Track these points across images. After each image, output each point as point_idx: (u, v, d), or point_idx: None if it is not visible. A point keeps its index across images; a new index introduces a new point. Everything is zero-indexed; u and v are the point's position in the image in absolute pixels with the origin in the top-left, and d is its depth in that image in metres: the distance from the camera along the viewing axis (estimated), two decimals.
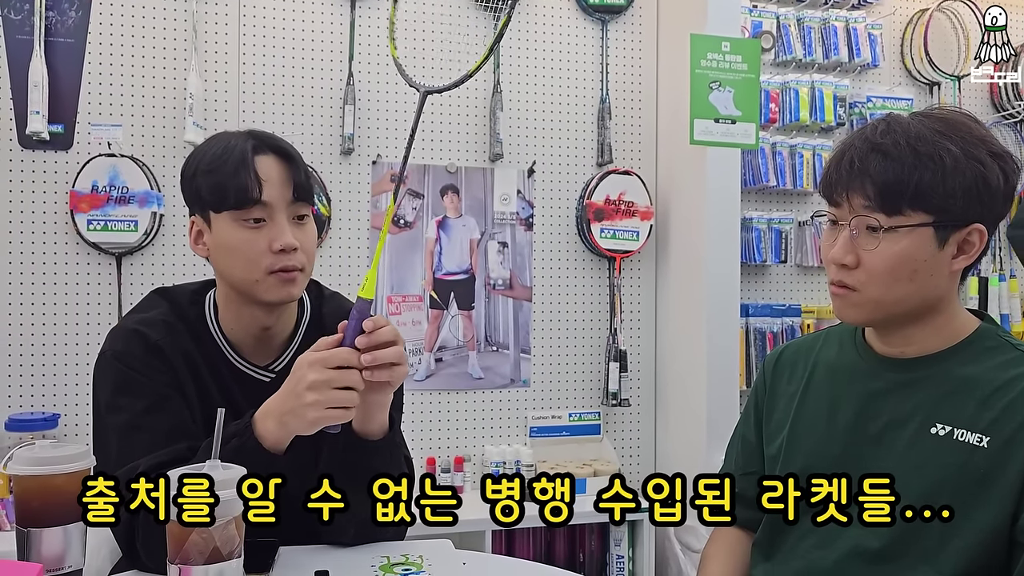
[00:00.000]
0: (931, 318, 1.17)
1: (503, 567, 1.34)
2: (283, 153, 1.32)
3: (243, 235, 1.28)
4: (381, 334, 1.15)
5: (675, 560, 2.86)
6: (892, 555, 1.13)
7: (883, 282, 1.13)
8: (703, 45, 2.69)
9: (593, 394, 3.10)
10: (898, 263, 1.12)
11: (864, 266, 1.14)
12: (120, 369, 1.26)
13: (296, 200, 1.31)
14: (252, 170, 1.27)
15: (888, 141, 1.12)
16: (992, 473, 1.08)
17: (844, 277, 1.16)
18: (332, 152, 2.84)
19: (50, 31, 2.59)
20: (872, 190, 1.12)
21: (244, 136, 1.32)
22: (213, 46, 2.74)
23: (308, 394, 1.11)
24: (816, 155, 3.10)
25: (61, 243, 2.61)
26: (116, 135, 2.62)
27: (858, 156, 1.14)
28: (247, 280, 1.29)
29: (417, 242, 2.91)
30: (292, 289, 1.31)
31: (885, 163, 1.11)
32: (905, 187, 1.10)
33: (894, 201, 1.11)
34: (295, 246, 1.29)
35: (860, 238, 1.14)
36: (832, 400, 1.25)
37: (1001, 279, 3.32)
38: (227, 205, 1.28)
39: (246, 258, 1.28)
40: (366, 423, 1.25)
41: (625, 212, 3.03)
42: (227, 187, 1.27)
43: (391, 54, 1.41)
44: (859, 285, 1.15)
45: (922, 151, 1.10)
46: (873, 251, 1.13)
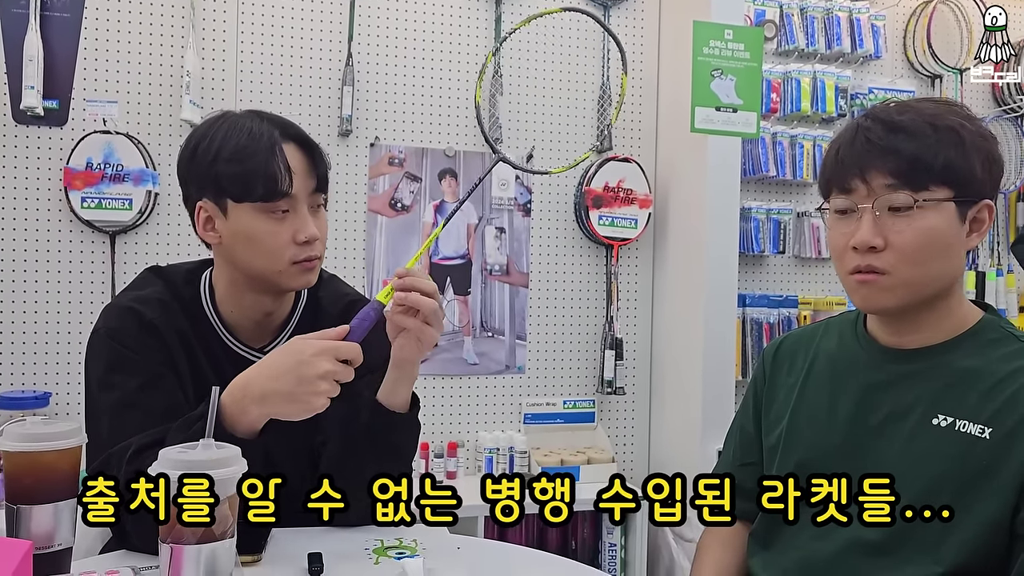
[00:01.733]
0: (942, 303, 1.16)
1: (497, 552, 1.33)
2: (306, 143, 1.30)
3: (267, 226, 1.26)
4: (421, 282, 1.16)
5: (667, 549, 2.86)
6: (891, 547, 1.13)
7: (916, 261, 1.11)
8: (706, 32, 2.67)
9: (588, 382, 3.10)
10: (929, 240, 1.11)
11: (893, 247, 1.11)
12: (113, 346, 1.25)
13: (316, 190, 1.31)
14: (283, 161, 1.25)
15: (904, 119, 1.12)
16: (994, 465, 1.08)
17: (873, 261, 1.12)
18: (330, 134, 2.82)
19: (46, 5, 2.56)
20: (897, 167, 1.10)
21: (262, 121, 1.28)
22: (211, 24, 2.71)
23: (320, 382, 1.09)
24: (816, 146, 3.09)
25: (55, 220, 2.58)
26: (112, 112, 2.60)
27: (875, 136, 1.13)
28: (270, 270, 1.28)
29: (414, 226, 2.90)
30: (311, 276, 1.32)
31: (908, 139, 1.10)
32: (932, 162, 1.10)
33: (921, 177, 1.10)
34: (318, 237, 1.29)
35: (884, 219, 1.12)
36: (833, 391, 1.24)
37: (999, 274, 3.32)
38: (255, 196, 1.24)
39: (270, 249, 1.26)
40: (392, 396, 1.25)
41: (624, 200, 3.01)
42: (255, 178, 1.23)
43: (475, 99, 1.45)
44: (890, 267, 1.12)
45: (940, 126, 1.11)
46: (900, 230, 1.11)
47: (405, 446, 1.29)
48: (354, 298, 1.46)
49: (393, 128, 2.89)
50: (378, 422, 1.25)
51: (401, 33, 2.90)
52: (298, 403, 1.11)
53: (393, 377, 1.25)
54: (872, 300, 1.15)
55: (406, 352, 1.22)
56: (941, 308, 1.17)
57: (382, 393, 1.25)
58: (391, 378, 1.25)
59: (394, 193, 2.88)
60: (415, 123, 2.91)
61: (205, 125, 1.31)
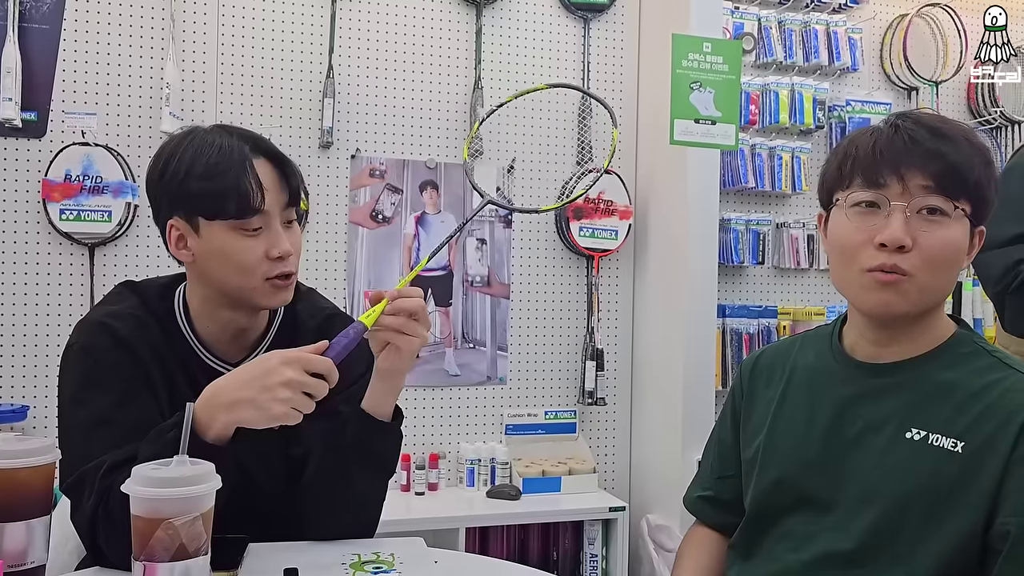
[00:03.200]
0: (927, 318, 1.17)
1: (475, 566, 1.33)
2: (277, 157, 1.29)
3: (239, 243, 1.24)
4: (409, 301, 1.18)
5: (648, 559, 2.86)
6: (865, 559, 1.13)
7: (935, 268, 1.10)
8: (684, 45, 2.69)
9: (569, 392, 3.10)
10: (950, 250, 1.11)
11: (920, 249, 1.09)
12: (87, 362, 1.24)
13: (289, 205, 1.29)
14: (254, 179, 1.23)
15: (947, 127, 1.12)
16: (966, 478, 1.08)
17: (899, 261, 1.09)
18: (311, 146, 2.82)
19: (24, 16, 2.55)
20: (938, 171, 1.09)
21: (231, 136, 1.26)
22: (191, 35, 2.71)
23: (281, 390, 1.09)
24: (795, 157, 3.12)
25: (33, 232, 2.57)
26: (91, 124, 2.59)
27: (920, 137, 1.11)
28: (243, 288, 1.27)
29: (395, 238, 2.90)
30: (286, 294, 1.30)
31: (952, 147, 1.10)
32: (967, 175, 1.10)
33: (957, 186, 1.10)
34: (292, 253, 1.27)
35: (914, 220, 1.10)
36: (810, 405, 1.25)
37: (975, 283, 3.35)
38: (227, 214, 1.23)
39: (243, 266, 1.25)
40: (377, 406, 1.25)
41: (604, 211, 3.03)
42: (227, 196, 1.22)
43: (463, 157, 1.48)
44: (913, 270, 1.10)
45: (975, 143, 1.12)
46: (932, 233, 1.10)
47: (389, 456, 1.30)
48: (332, 312, 1.45)
49: (374, 140, 2.89)
50: (364, 431, 1.25)
51: (382, 45, 2.91)
52: (260, 409, 1.10)
53: (380, 388, 1.25)
54: (890, 304, 1.12)
55: (394, 363, 1.22)
56: (927, 321, 1.17)
57: (367, 403, 1.26)
58: (377, 389, 1.25)
59: (375, 205, 2.88)
60: (396, 135, 2.91)
61: (174, 142, 1.28)
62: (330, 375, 1.12)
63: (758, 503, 1.27)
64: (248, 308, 1.31)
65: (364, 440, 1.25)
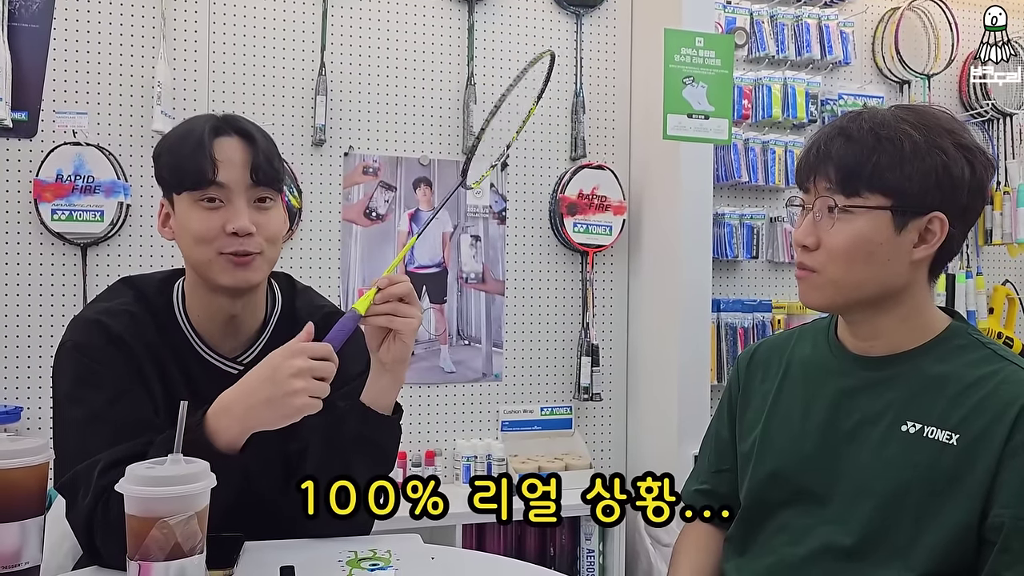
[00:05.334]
0: (895, 309, 1.18)
1: (472, 562, 1.33)
2: (246, 135, 1.30)
3: (200, 215, 1.27)
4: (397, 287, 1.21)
5: (645, 554, 2.87)
6: (863, 552, 1.14)
7: (840, 262, 1.15)
8: (677, 40, 2.68)
9: (565, 388, 3.10)
10: (854, 244, 1.14)
11: (824, 247, 1.16)
12: (81, 360, 1.24)
13: (256, 184, 1.28)
14: (208, 151, 1.26)
15: (853, 126, 1.15)
16: (961, 470, 1.09)
17: (805, 259, 1.18)
18: (304, 143, 2.81)
19: (14, 15, 2.53)
20: (833, 172, 1.15)
21: (209, 118, 1.31)
22: (182, 33, 2.70)
23: (294, 381, 1.10)
24: (788, 151, 3.12)
25: (24, 233, 2.55)
26: (82, 123, 2.57)
27: (824, 141, 1.17)
28: (201, 261, 1.28)
29: (389, 235, 2.89)
30: (248, 274, 1.28)
31: (847, 146, 1.14)
32: (863, 168, 1.12)
33: (852, 182, 1.13)
34: (250, 230, 1.26)
35: (822, 220, 1.16)
36: (806, 398, 1.26)
37: (968, 276, 3.36)
38: (185, 186, 1.27)
39: (200, 238, 1.26)
40: (378, 398, 1.27)
41: (598, 207, 3.03)
42: (184, 168, 1.26)
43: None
44: (819, 266, 1.17)
45: (883, 135, 1.12)
46: (831, 231, 1.15)
47: (389, 449, 1.31)
48: (330, 310, 1.45)
49: (367, 137, 2.88)
50: (366, 425, 1.26)
51: (374, 42, 2.90)
52: (279, 406, 1.11)
53: (383, 382, 1.27)
54: (805, 296, 1.21)
55: (396, 352, 1.24)
56: (897, 313, 1.18)
57: (367, 397, 1.27)
58: (378, 383, 1.27)
59: (369, 202, 2.87)
60: (389, 132, 2.91)
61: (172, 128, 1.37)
62: (330, 359, 1.14)
63: (754, 496, 1.28)
64: (218, 289, 1.30)
65: (366, 434, 1.26)
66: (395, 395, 1.29)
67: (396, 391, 1.28)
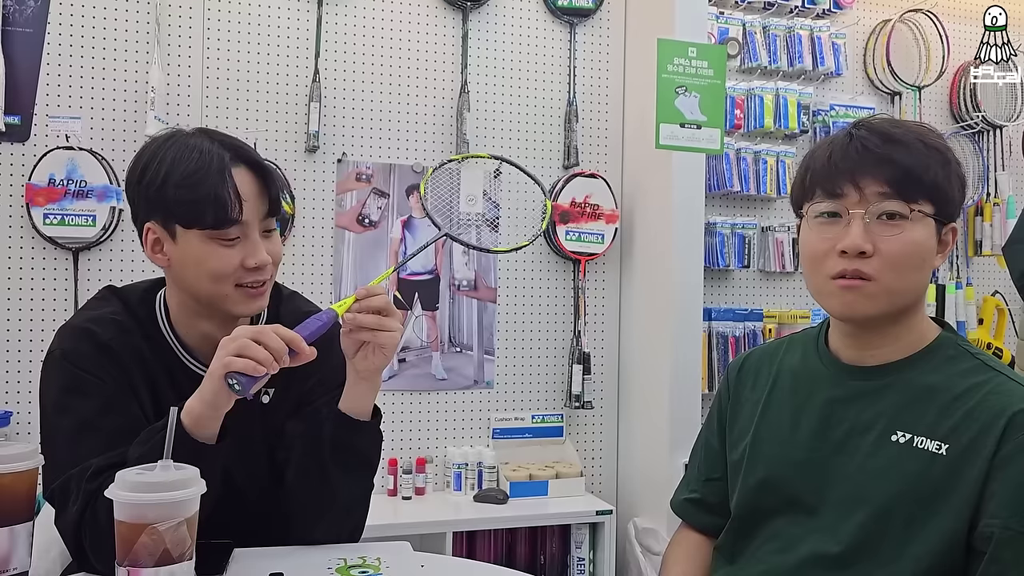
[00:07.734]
0: (907, 318, 1.18)
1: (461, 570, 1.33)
2: (258, 167, 1.27)
3: (215, 252, 1.23)
4: (375, 299, 1.20)
5: (636, 563, 2.87)
6: (851, 560, 1.14)
7: (899, 270, 1.13)
8: (670, 50, 2.70)
9: (556, 396, 3.10)
10: (913, 251, 1.13)
11: (881, 254, 1.12)
12: (69, 369, 1.23)
13: (268, 215, 1.28)
14: (233, 189, 1.21)
15: (900, 132, 1.15)
16: (950, 480, 1.09)
17: (861, 266, 1.13)
18: (297, 150, 2.81)
19: (8, 20, 2.53)
20: (892, 176, 1.13)
21: (212, 143, 1.24)
22: (176, 39, 2.70)
23: (227, 344, 1.11)
24: (780, 161, 3.13)
25: (16, 237, 2.55)
26: (75, 128, 2.57)
27: (872, 144, 1.14)
28: (215, 295, 1.25)
29: (381, 242, 2.89)
30: (261, 302, 1.30)
31: (905, 151, 1.13)
32: (923, 176, 1.12)
33: (913, 189, 1.13)
34: (268, 263, 1.26)
35: (874, 226, 1.13)
36: (795, 407, 1.26)
37: (958, 286, 3.37)
38: (204, 224, 1.21)
39: (217, 274, 1.23)
40: (354, 405, 1.26)
41: (590, 215, 3.03)
42: (205, 205, 1.20)
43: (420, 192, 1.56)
44: (876, 274, 1.13)
45: (930, 144, 1.14)
46: (892, 237, 1.12)
47: (369, 455, 1.30)
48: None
49: (360, 144, 2.89)
50: (342, 431, 1.25)
51: (368, 49, 2.90)
52: (211, 377, 1.11)
53: (359, 389, 1.26)
54: (856, 305, 1.15)
55: (369, 362, 1.24)
56: (905, 323, 1.18)
57: (344, 404, 1.26)
58: (354, 390, 1.26)
59: (361, 209, 2.88)
60: (382, 139, 2.91)
61: (155, 145, 1.26)
62: (296, 345, 1.13)
63: (744, 505, 1.28)
64: (222, 316, 1.29)
65: (343, 440, 1.26)
66: (372, 400, 1.28)
67: (373, 396, 1.28)
